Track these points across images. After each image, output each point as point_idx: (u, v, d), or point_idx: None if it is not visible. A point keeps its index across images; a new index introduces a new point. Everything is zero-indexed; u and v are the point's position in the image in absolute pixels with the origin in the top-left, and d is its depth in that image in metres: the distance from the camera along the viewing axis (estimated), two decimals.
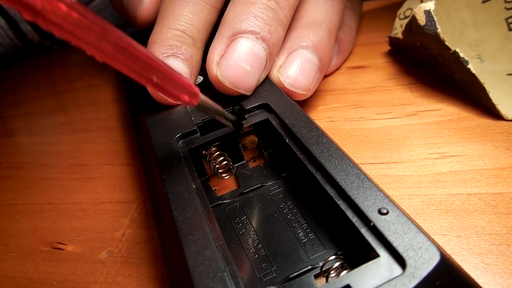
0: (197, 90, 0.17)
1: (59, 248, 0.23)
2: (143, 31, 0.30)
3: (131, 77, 0.15)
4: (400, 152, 0.23)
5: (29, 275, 0.22)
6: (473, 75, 0.23)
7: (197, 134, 0.22)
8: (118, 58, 0.14)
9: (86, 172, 0.29)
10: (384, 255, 0.14)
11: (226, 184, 0.23)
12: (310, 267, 0.17)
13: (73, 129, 0.35)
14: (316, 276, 0.17)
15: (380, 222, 0.14)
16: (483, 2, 0.27)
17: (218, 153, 0.22)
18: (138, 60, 0.14)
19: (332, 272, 0.16)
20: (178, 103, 0.17)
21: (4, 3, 0.12)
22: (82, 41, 0.13)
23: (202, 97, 0.18)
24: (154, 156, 0.20)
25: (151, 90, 0.23)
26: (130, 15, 0.31)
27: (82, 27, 0.13)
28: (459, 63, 0.24)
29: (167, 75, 0.16)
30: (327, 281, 0.16)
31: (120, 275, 0.20)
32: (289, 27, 0.25)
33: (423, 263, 0.13)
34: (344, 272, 0.16)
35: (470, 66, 0.23)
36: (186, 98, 0.17)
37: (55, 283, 0.21)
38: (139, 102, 0.26)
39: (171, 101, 0.24)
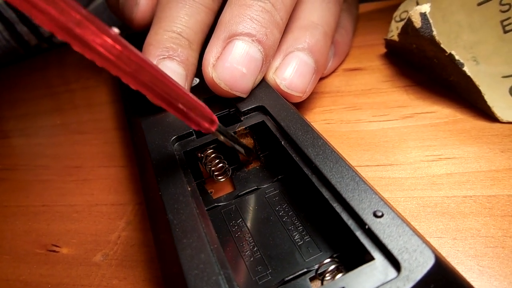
0: (215, 117, 0.18)
1: (54, 251, 0.23)
2: (139, 33, 0.30)
3: (159, 104, 0.16)
4: (396, 155, 0.23)
5: (23, 278, 0.22)
6: (469, 77, 0.23)
7: (192, 137, 0.22)
8: (151, 87, 0.15)
9: (81, 174, 0.29)
10: (379, 258, 0.14)
11: (221, 187, 0.23)
12: (305, 270, 0.17)
13: (68, 131, 0.35)
14: (312, 279, 0.17)
15: (375, 225, 0.14)
16: (478, 5, 0.27)
17: (213, 155, 0.22)
18: (168, 89, 0.16)
19: (327, 275, 0.16)
20: (196, 129, 0.18)
21: (56, 34, 0.13)
22: (122, 71, 0.14)
23: (220, 124, 0.19)
24: (150, 158, 0.20)
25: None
26: (126, 17, 0.31)
27: (124, 59, 0.14)
28: (454, 66, 0.24)
29: (192, 103, 0.17)
30: (322, 284, 0.16)
31: (115, 277, 0.20)
32: (285, 29, 0.25)
33: (418, 266, 0.13)
34: (339, 275, 0.15)
35: (465, 68, 0.23)
36: (206, 125, 0.18)
37: (49, 286, 0.21)
38: (134, 104, 0.26)
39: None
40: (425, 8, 0.24)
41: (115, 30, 0.14)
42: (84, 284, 0.20)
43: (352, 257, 0.16)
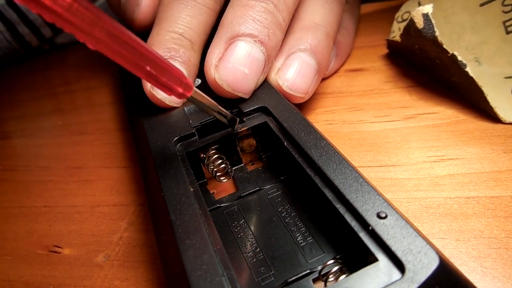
0: (190, 82, 0.17)
1: (56, 252, 0.23)
2: (141, 34, 0.30)
3: (125, 67, 0.15)
4: (399, 155, 0.23)
5: (25, 279, 0.22)
6: (471, 78, 0.23)
7: (195, 137, 0.21)
8: (111, 45, 0.14)
9: (82, 174, 0.28)
10: (383, 259, 0.14)
11: (224, 188, 0.23)
12: (308, 271, 0.17)
13: (70, 131, 0.35)
14: (315, 280, 0.16)
15: (379, 226, 0.14)
16: (480, 5, 0.27)
17: (216, 156, 0.21)
18: (131, 48, 0.14)
19: (330, 276, 0.16)
20: (170, 95, 0.17)
21: None
22: (75, 27, 0.13)
23: (196, 89, 0.17)
24: (152, 159, 0.20)
25: (155, 94, 0.23)
26: (128, 18, 0.31)
27: (75, 12, 0.13)
28: (457, 66, 0.24)
29: (161, 65, 0.16)
30: (325, 285, 0.16)
31: (117, 278, 0.20)
32: (288, 30, 0.25)
33: (422, 267, 0.13)
34: (343, 276, 0.15)
35: (468, 69, 0.23)
36: (179, 89, 0.17)
37: (51, 286, 0.21)
38: (136, 105, 0.26)
39: (171, 104, 0.23)
40: (427, 8, 0.24)
41: None
42: (86, 285, 0.20)
43: (355, 258, 0.16)
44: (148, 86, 0.23)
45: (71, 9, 0.13)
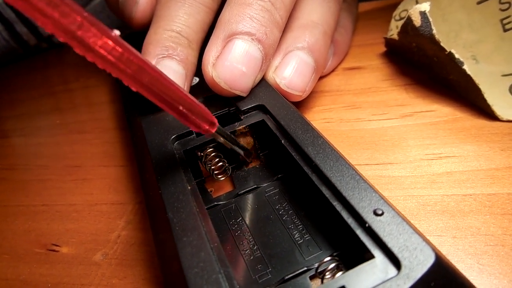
0: (215, 120, 0.18)
1: (54, 250, 0.23)
2: (139, 32, 0.30)
3: (160, 106, 0.16)
4: (396, 153, 0.23)
5: (23, 277, 0.22)
6: (468, 76, 0.23)
7: (192, 135, 0.21)
8: (153, 90, 0.15)
9: (81, 173, 0.29)
10: (379, 256, 0.14)
11: (221, 186, 0.23)
12: (305, 268, 0.17)
13: (68, 130, 0.35)
14: (312, 278, 0.17)
15: (375, 223, 0.14)
16: (478, 3, 0.27)
17: (213, 154, 0.22)
18: (169, 91, 0.16)
19: (327, 273, 0.16)
20: (195, 131, 0.18)
21: (58, 37, 0.13)
22: (122, 73, 0.14)
23: (219, 126, 0.19)
24: (149, 157, 0.20)
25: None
26: (126, 16, 0.31)
27: (124, 60, 0.14)
28: (454, 64, 0.24)
29: (193, 105, 0.17)
30: (322, 282, 0.16)
31: (115, 277, 0.20)
32: (285, 28, 0.25)
33: (418, 264, 0.13)
34: (340, 273, 0.15)
35: (465, 67, 0.23)
36: (206, 126, 0.18)
37: (49, 285, 0.21)
38: (134, 104, 0.26)
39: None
40: (425, 6, 0.24)
41: (116, 32, 0.14)
42: (84, 283, 0.20)
43: (352, 255, 0.16)
44: None
45: (122, 58, 0.14)
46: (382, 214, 0.15)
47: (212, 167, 0.22)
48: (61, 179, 0.29)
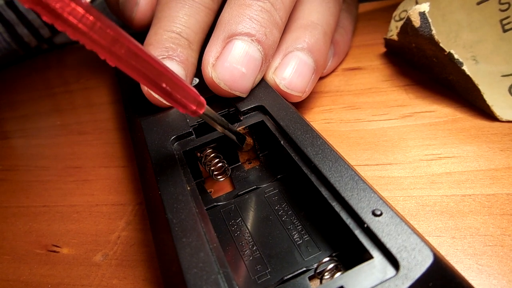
0: (203, 100, 0.18)
1: (54, 251, 0.23)
2: (139, 33, 0.30)
3: (141, 83, 0.15)
4: (396, 154, 0.23)
5: (23, 278, 0.22)
6: (468, 76, 0.23)
7: (192, 136, 0.22)
8: (130, 63, 0.15)
9: (81, 174, 0.29)
10: (377, 257, 0.14)
11: (221, 186, 0.23)
12: (304, 269, 0.17)
13: (68, 131, 0.35)
14: (311, 278, 0.17)
15: (374, 223, 0.14)
16: (478, 4, 0.27)
17: (213, 155, 0.22)
18: (149, 66, 0.15)
19: (326, 273, 0.16)
20: (183, 112, 0.17)
21: (23, 3, 0.12)
22: (96, 44, 0.14)
23: (208, 107, 0.18)
24: (149, 158, 0.20)
25: (152, 93, 0.23)
26: (126, 17, 0.31)
27: (97, 30, 0.13)
28: (454, 65, 0.24)
29: (176, 83, 0.16)
30: (321, 283, 0.16)
31: (115, 277, 0.20)
32: (285, 29, 0.25)
33: (417, 264, 0.13)
34: (338, 273, 0.16)
35: (464, 67, 0.23)
36: (193, 106, 0.17)
37: (50, 286, 0.21)
38: (134, 104, 0.26)
39: (168, 104, 0.24)
40: (424, 7, 0.24)
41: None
42: (84, 284, 0.20)
43: (351, 256, 0.16)
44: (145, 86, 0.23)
45: (94, 27, 0.13)
46: (381, 214, 0.15)
47: (212, 168, 0.22)
48: (61, 180, 0.29)
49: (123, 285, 0.20)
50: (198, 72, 0.24)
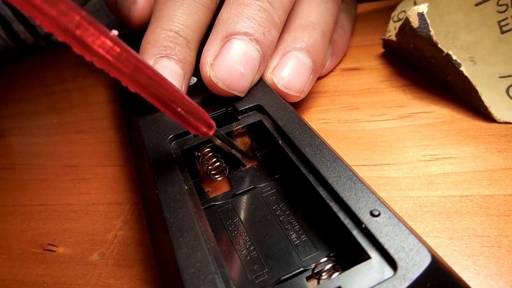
0: (213, 122, 0.18)
1: (50, 250, 0.23)
2: (137, 32, 0.30)
3: (157, 107, 0.16)
4: (393, 154, 0.23)
5: (19, 277, 0.22)
6: (466, 77, 0.23)
7: (190, 135, 0.21)
8: (150, 89, 0.15)
9: (78, 173, 0.28)
10: (375, 257, 0.14)
11: (219, 186, 0.23)
12: (302, 269, 0.17)
13: (66, 130, 0.35)
14: (308, 278, 0.17)
15: (372, 224, 0.14)
16: (476, 5, 0.27)
17: (211, 154, 0.22)
18: (166, 92, 0.16)
19: (324, 274, 0.16)
20: (193, 133, 0.18)
21: (57, 36, 0.13)
22: (120, 72, 0.14)
23: (217, 128, 0.19)
24: (147, 157, 0.20)
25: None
26: (124, 16, 0.31)
27: (122, 60, 0.14)
28: (451, 66, 0.24)
29: (190, 107, 0.17)
30: (318, 283, 0.16)
31: (111, 277, 0.20)
32: (283, 29, 0.25)
33: (414, 265, 0.13)
34: (336, 274, 0.15)
35: (462, 68, 0.23)
36: (204, 129, 0.18)
37: (45, 285, 0.21)
38: (132, 103, 0.26)
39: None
40: (423, 8, 0.24)
41: (114, 32, 0.14)
42: (80, 283, 0.20)
43: (348, 256, 0.16)
44: None
45: (120, 58, 0.14)
46: (379, 215, 0.15)
47: (209, 167, 0.22)
48: (58, 179, 0.28)
49: (120, 285, 0.20)
50: (196, 71, 0.24)
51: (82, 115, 0.36)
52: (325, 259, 0.16)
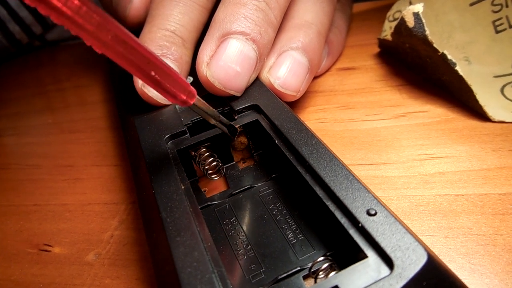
0: (193, 90, 0.17)
1: (46, 250, 0.23)
2: (133, 31, 0.30)
3: (130, 71, 0.15)
4: (389, 153, 0.23)
5: (14, 278, 0.21)
6: (461, 77, 0.23)
7: (186, 135, 0.21)
8: (117, 49, 0.14)
9: (73, 173, 0.28)
10: (372, 256, 0.14)
11: (215, 185, 0.23)
12: (299, 268, 0.17)
13: (60, 130, 0.34)
14: (305, 277, 0.17)
15: (368, 223, 0.15)
16: (471, 5, 0.27)
17: (207, 154, 0.21)
18: (137, 53, 0.15)
19: (320, 273, 0.16)
20: (173, 102, 0.17)
21: None
22: (81, 29, 0.13)
23: (198, 97, 0.18)
24: (143, 157, 0.20)
25: (146, 92, 0.23)
26: (120, 15, 0.31)
27: (83, 14, 0.13)
28: (447, 65, 0.24)
29: (166, 71, 0.16)
30: (315, 282, 0.16)
31: (107, 277, 0.20)
32: (280, 28, 0.25)
33: (411, 263, 0.13)
34: (333, 273, 0.16)
35: (457, 68, 0.23)
36: (183, 96, 0.17)
37: (41, 285, 0.21)
38: (127, 103, 0.25)
39: (162, 102, 0.23)
40: (418, 8, 0.24)
41: None
42: (76, 283, 0.20)
43: (345, 255, 0.16)
44: (139, 84, 0.23)
45: (79, 11, 0.13)
46: (375, 214, 0.15)
47: (206, 167, 0.21)
48: (53, 179, 0.28)
49: (116, 285, 0.20)
50: (193, 70, 0.24)
51: (77, 114, 0.36)
52: (322, 258, 0.16)
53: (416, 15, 0.24)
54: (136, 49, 0.15)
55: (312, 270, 0.16)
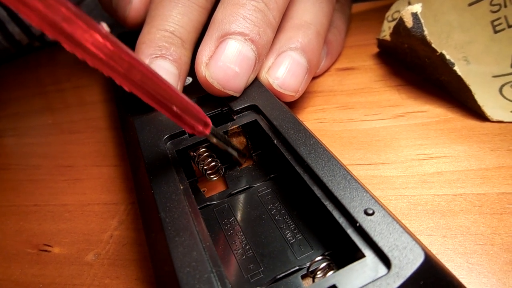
0: (209, 120, 0.18)
1: (46, 250, 0.23)
2: (132, 32, 0.30)
3: (153, 106, 0.16)
4: (388, 153, 0.23)
5: (14, 278, 0.22)
6: (459, 77, 0.23)
7: (185, 135, 0.21)
8: (144, 88, 0.15)
9: (73, 173, 0.28)
10: (369, 255, 0.14)
11: (214, 185, 0.23)
12: (297, 267, 0.17)
13: (60, 130, 0.34)
14: (303, 277, 0.17)
15: (366, 222, 0.15)
16: (469, 5, 0.27)
17: (206, 154, 0.22)
18: (162, 91, 0.16)
19: (318, 272, 0.16)
20: (190, 132, 0.18)
21: (45, 31, 0.12)
22: (114, 71, 0.14)
23: (213, 127, 0.19)
24: (142, 157, 0.20)
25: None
26: (119, 15, 0.31)
27: (116, 58, 0.14)
28: (445, 65, 0.24)
29: (186, 106, 0.17)
30: (313, 281, 0.16)
31: (107, 277, 0.20)
32: (278, 29, 0.25)
33: (408, 263, 0.13)
34: (331, 272, 0.16)
35: (456, 68, 0.23)
36: (200, 127, 0.18)
37: (41, 285, 0.21)
38: (127, 103, 0.26)
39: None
40: (417, 8, 0.24)
41: (105, 27, 0.14)
42: (76, 283, 0.20)
43: (343, 254, 0.16)
44: None
45: (113, 56, 0.14)
46: (373, 213, 0.15)
47: (205, 167, 0.22)
48: (53, 179, 0.28)
49: (116, 285, 0.20)
50: (192, 71, 0.24)
51: (76, 115, 0.36)
52: (320, 257, 0.17)
53: (414, 15, 0.24)
54: (161, 86, 0.16)
55: (310, 269, 0.16)
